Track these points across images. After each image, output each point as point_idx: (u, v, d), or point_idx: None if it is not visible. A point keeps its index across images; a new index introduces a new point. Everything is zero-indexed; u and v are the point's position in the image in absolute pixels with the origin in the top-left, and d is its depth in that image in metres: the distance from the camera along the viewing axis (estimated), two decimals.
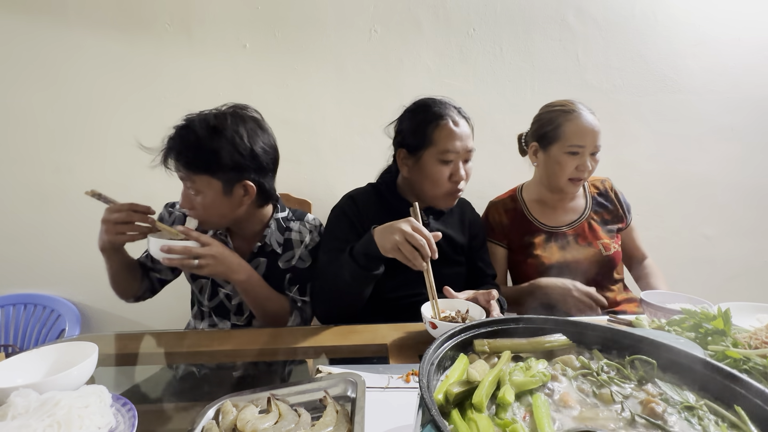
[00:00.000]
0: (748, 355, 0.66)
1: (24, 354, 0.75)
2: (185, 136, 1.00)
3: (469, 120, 1.11)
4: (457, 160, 1.07)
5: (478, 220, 1.31)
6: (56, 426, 0.55)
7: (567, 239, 1.29)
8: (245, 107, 1.07)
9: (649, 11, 1.73)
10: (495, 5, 1.70)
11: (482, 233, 1.29)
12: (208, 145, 0.98)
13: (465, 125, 1.09)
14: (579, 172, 1.21)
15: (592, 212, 1.33)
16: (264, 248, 1.13)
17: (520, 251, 1.32)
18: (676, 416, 0.41)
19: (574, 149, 1.19)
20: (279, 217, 1.17)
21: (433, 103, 1.10)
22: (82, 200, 1.71)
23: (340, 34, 1.67)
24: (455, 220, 1.23)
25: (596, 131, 1.20)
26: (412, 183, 1.14)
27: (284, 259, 1.15)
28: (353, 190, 1.22)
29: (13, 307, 1.72)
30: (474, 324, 0.55)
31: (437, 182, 1.08)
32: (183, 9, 1.61)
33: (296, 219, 1.20)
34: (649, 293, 1.01)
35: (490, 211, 1.39)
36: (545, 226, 1.31)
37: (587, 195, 1.37)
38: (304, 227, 1.19)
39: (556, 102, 1.27)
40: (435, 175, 1.07)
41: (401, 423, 0.61)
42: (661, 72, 1.77)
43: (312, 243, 1.17)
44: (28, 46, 1.60)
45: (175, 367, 0.84)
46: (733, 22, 1.74)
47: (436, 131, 1.05)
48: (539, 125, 1.28)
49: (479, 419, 0.39)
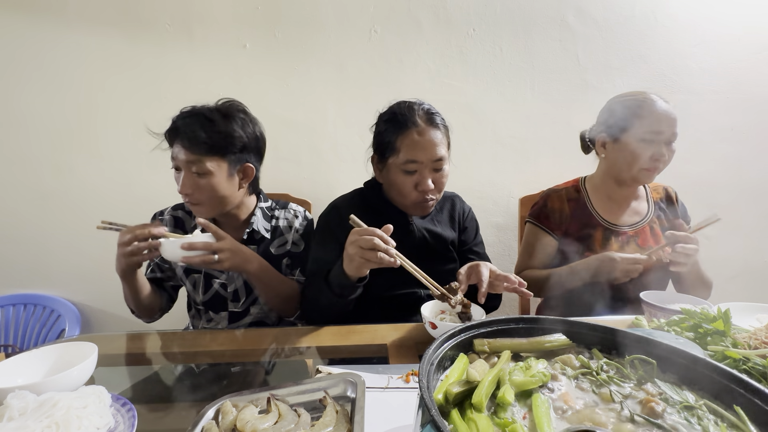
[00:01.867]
0: (748, 355, 0.65)
1: (24, 354, 0.75)
2: (198, 118, 1.04)
3: (440, 126, 1.05)
4: (423, 169, 1.02)
5: (469, 212, 1.28)
6: (54, 427, 0.55)
7: (627, 239, 1.26)
8: (235, 100, 1.14)
9: (649, 11, 1.73)
10: (495, 5, 1.70)
11: (474, 225, 1.27)
12: (221, 126, 1.05)
13: (433, 133, 1.02)
14: (654, 161, 1.17)
15: (655, 217, 1.30)
16: (253, 235, 1.18)
17: (576, 244, 1.27)
18: (676, 416, 0.41)
19: (650, 136, 1.15)
20: (263, 207, 1.23)
21: (399, 110, 1.06)
22: (82, 200, 1.73)
23: (340, 34, 1.67)
24: (443, 216, 1.22)
25: (672, 118, 1.15)
26: (386, 189, 1.14)
27: (276, 245, 1.20)
28: (339, 198, 1.22)
29: (13, 307, 1.72)
30: (474, 324, 0.55)
31: (402, 191, 1.06)
32: (183, 9, 1.61)
33: (280, 208, 1.25)
34: (648, 293, 1.01)
35: (551, 198, 1.34)
36: (607, 222, 1.27)
37: (649, 199, 1.33)
38: (290, 213, 1.25)
39: (627, 93, 1.24)
40: (400, 184, 1.05)
41: (401, 423, 0.61)
42: (661, 72, 1.77)
43: (301, 228, 1.24)
44: (29, 45, 1.60)
45: (175, 367, 0.84)
46: (733, 22, 1.74)
47: (399, 139, 1.02)
48: (610, 115, 1.22)
49: (479, 419, 0.39)
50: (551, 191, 1.37)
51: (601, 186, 1.32)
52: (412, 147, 1.01)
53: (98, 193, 1.70)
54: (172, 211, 1.22)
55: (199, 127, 1.03)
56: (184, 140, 1.03)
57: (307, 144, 1.73)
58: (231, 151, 1.06)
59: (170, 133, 1.06)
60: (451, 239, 1.19)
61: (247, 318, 1.21)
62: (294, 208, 1.27)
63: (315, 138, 1.73)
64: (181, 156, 1.04)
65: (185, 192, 1.06)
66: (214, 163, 1.05)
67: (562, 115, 1.77)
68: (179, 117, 1.06)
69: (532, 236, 1.35)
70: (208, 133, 1.03)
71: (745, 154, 1.82)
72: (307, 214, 1.29)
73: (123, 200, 1.71)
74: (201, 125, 1.03)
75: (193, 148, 1.03)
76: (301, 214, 1.27)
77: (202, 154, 1.04)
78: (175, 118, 1.06)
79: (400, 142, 1.02)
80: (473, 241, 1.25)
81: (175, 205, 1.23)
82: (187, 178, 1.05)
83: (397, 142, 1.02)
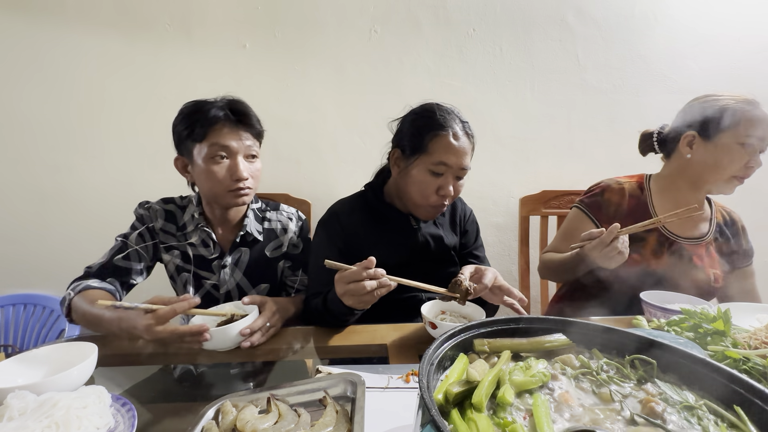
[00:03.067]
0: (748, 355, 0.66)
1: (24, 354, 0.75)
2: (241, 103, 1.07)
3: (471, 137, 1.06)
4: (448, 174, 1.03)
5: (470, 215, 1.27)
6: (54, 427, 0.55)
7: (682, 253, 1.16)
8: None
9: (649, 11, 1.73)
10: (495, 5, 1.70)
11: (474, 228, 1.26)
12: (254, 111, 1.09)
13: (466, 141, 1.03)
14: (747, 168, 1.08)
15: (713, 238, 1.21)
16: (246, 237, 1.16)
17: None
18: (676, 416, 0.41)
19: (753, 141, 1.05)
20: (254, 208, 1.21)
21: (438, 111, 1.04)
22: (82, 200, 1.73)
23: (340, 34, 1.67)
24: (446, 220, 1.21)
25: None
26: (399, 186, 1.11)
27: (271, 248, 1.19)
28: (338, 203, 1.19)
29: (13, 307, 1.72)
30: (474, 324, 0.55)
31: (423, 192, 1.04)
32: (183, 9, 1.62)
33: (272, 209, 1.24)
34: (648, 293, 1.01)
35: (610, 190, 1.24)
36: (665, 230, 1.19)
37: (713, 218, 1.24)
38: (283, 216, 1.23)
39: (721, 93, 1.14)
40: (422, 184, 1.03)
41: (401, 423, 0.61)
42: (661, 72, 1.77)
43: (297, 229, 1.23)
44: (28, 46, 1.60)
45: (175, 368, 0.84)
46: (733, 22, 1.74)
47: (434, 140, 1.01)
48: (703, 112, 1.11)
49: (479, 419, 0.39)
50: (612, 182, 1.26)
51: (669, 188, 1.22)
52: (446, 150, 1.00)
53: (98, 193, 1.70)
54: (164, 204, 1.15)
55: (248, 107, 1.06)
56: (246, 123, 1.05)
57: (306, 144, 1.73)
58: (263, 136, 1.11)
59: (212, 120, 1.01)
60: (453, 244, 1.18)
61: None
62: (286, 209, 1.25)
63: (314, 138, 1.73)
64: (237, 141, 1.03)
65: (245, 178, 1.04)
66: (258, 146, 1.10)
67: (562, 115, 1.77)
68: (217, 105, 1.04)
69: (576, 222, 1.26)
70: (256, 118, 1.07)
71: None
72: (300, 214, 1.28)
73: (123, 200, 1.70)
74: (247, 106, 1.07)
75: (251, 130, 1.06)
76: (295, 215, 1.25)
77: (256, 138, 1.08)
78: (211, 107, 1.03)
79: (434, 144, 1.01)
80: (474, 244, 1.25)
81: (165, 198, 1.18)
82: (245, 165, 1.05)
83: (431, 144, 1.01)
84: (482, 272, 0.94)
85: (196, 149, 1.03)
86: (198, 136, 1.02)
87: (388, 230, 1.12)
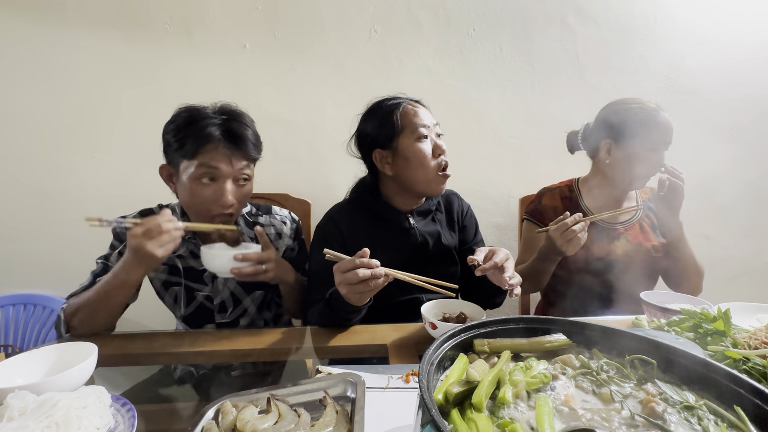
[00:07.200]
0: (748, 355, 0.65)
1: (24, 354, 0.75)
2: (246, 124, 1.01)
3: (420, 101, 1.14)
4: (431, 134, 1.08)
5: (467, 210, 1.27)
6: (54, 427, 0.55)
7: (618, 235, 1.31)
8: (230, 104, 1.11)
9: (649, 11, 1.73)
10: (495, 5, 1.70)
11: (473, 223, 1.27)
12: (254, 127, 1.03)
13: (419, 105, 1.11)
14: (656, 167, 1.22)
15: (644, 215, 1.35)
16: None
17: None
18: (676, 416, 0.41)
19: (657, 145, 1.20)
20: (244, 213, 1.18)
21: (383, 99, 1.13)
22: (81, 200, 1.72)
23: (340, 34, 1.67)
24: (443, 217, 1.21)
25: (671, 127, 1.20)
26: (398, 179, 1.10)
27: None
28: (334, 208, 1.19)
29: (13, 307, 1.72)
30: (474, 324, 0.55)
31: (423, 162, 1.06)
32: (183, 9, 1.61)
33: (263, 213, 1.21)
34: (649, 293, 1.01)
35: (545, 196, 1.40)
36: (602, 222, 1.32)
37: (638, 199, 1.39)
38: (276, 220, 1.21)
39: (627, 99, 1.26)
40: (418, 155, 1.05)
41: (401, 423, 0.61)
42: (661, 72, 1.78)
43: (292, 232, 1.22)
44: (28, 45, 1.60)
45: (175, 368, 0.84)
46: (733, 22, 1.74)
47: (401, 115, 1.07)
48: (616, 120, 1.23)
49: (479, 419, 0.39)
50: (545, 189, 1.43)
51: (595, 187, 1.36)
52: (415, 115, 1.07)
53: (98, 193, 1.70)
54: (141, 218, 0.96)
55: (250, 132, 0.99)
56: (241, 147, 0.96)
57: (306, 144, 1.73)
58: (260, 153, 1.05)
59: (204, 139, 0.93)
60: (452, 244, 1.18)
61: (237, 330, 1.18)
62: (279, 212, 1.22)
63: (314, 138, 1.73)
64: (228, 165, 0.95)
65: (231, 203, 0.98)
66: (253, 168, 1.04)
67: (562, 115, 1.77)
68: (213, 121, 0.95)
69: (529, 232, 1.39)
70: (254, 138, 1.01)
71: (745, 154, 1.82)
72: (293, 216, 1.25)
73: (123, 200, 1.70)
74: (251, 130, 1.00)
75: (246, 153, 0.97)
76: (288, 218, 1.23)
77: (250, 159, 1.00)
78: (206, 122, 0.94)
79: (403, 118, 1.07)
80: (473, 239, 1.24)
81: (142, 210, 1.10)
82: (233, 187, 0.98)
83: (401, 119, 1.07)
84: (494, 251, 0.94)
85: (183, 164, 0.97)
86: (188, 153, 0.95)
87: (387, 232, 1.12)
